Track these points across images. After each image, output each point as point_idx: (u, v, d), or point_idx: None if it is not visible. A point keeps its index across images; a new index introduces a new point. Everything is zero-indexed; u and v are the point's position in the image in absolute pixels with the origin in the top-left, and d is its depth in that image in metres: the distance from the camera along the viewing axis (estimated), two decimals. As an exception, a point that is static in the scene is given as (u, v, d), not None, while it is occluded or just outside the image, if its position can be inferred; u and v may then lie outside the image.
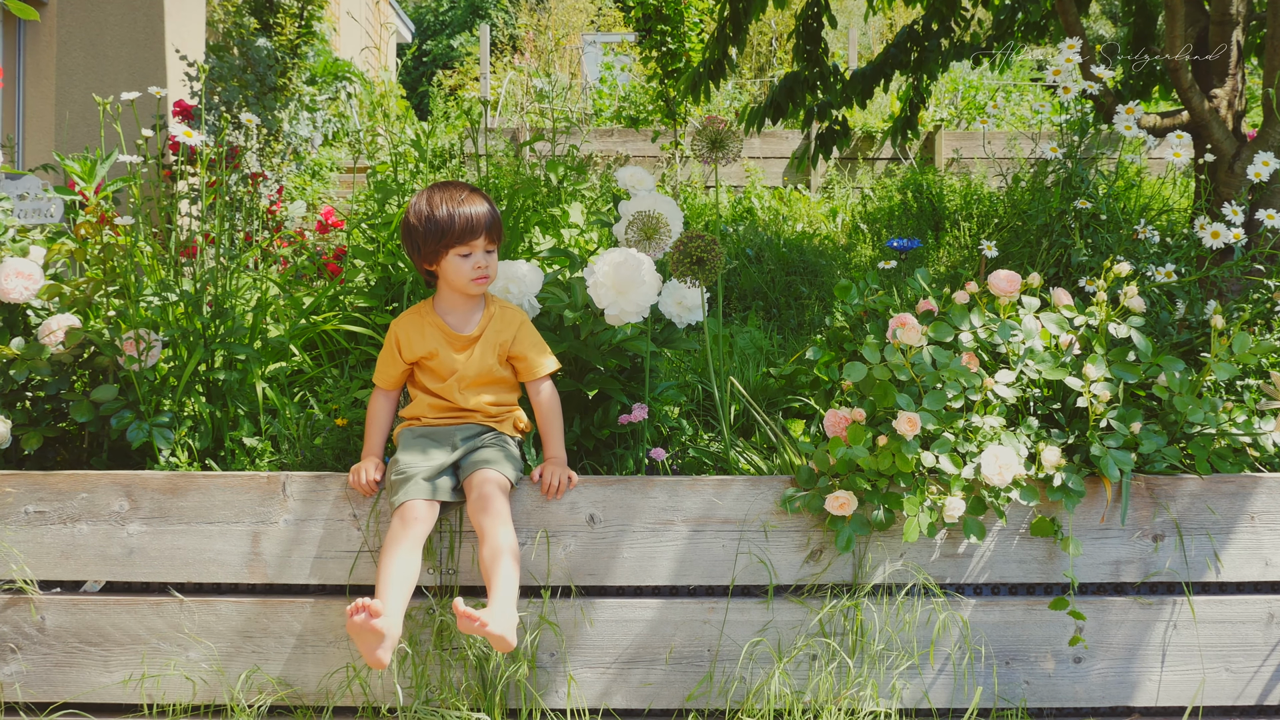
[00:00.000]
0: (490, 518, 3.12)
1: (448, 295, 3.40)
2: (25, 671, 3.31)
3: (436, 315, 3.38)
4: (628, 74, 14.49)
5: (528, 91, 13.29)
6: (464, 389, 3.37)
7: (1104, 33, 17.59)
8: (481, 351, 3.38)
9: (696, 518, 3.33)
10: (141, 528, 3.31)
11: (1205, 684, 3.33)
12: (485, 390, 3.41)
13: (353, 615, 2.88)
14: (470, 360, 3.37)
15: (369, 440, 3.41)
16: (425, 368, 3.37)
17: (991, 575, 3.33)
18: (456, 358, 3.35)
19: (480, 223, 3.32)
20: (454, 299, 3.40)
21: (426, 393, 3.37)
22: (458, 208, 3.33)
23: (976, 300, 3.56)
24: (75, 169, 3.70)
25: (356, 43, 18.08)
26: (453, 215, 3.33)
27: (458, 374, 3.36)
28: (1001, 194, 7.52)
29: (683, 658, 3.33)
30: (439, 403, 3.37)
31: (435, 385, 3.35)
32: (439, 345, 3.33)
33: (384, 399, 3.43)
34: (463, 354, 3.36)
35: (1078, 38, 4.57)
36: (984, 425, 3.26)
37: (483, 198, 3.37)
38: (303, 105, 8.60)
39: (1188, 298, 4.01)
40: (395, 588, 3.04)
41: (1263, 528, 3.32)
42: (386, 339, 3.38)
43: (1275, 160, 3.92)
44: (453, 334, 3.36)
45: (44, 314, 3.70)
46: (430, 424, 3.36)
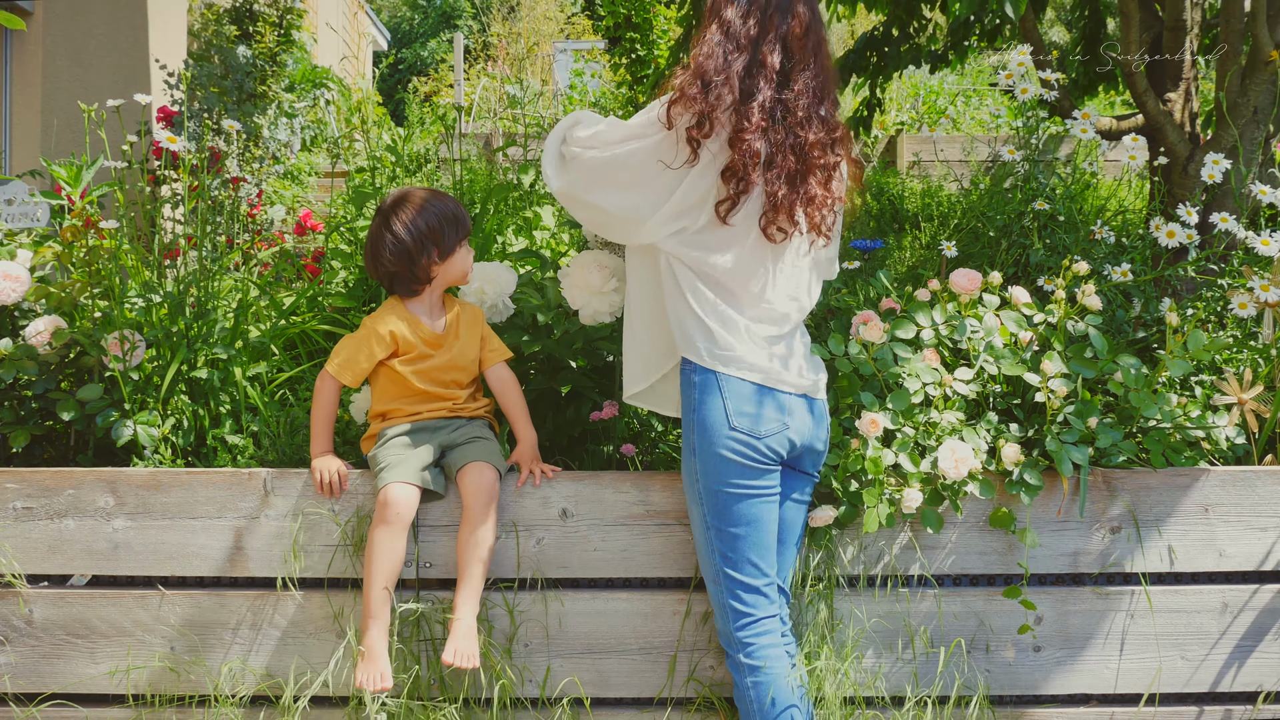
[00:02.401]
0: (483, 509, 3.22)
1: (428, 295, 3.43)
2: (14, 663, 3.36)
3: (413, 314, 3.41)
4: (598, 80, 14.51)
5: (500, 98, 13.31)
6: (448, 383, 3.42)
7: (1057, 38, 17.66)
8: (463, 345, 3.44)
9: (666, 512, 3.39)
10: (126, 523, 3.36)
11: (1162, 671, 3.39)
12: (466, 383, 3.47)
13: (365, 684, 3.13)
14: (454, 354, 3.41)
15: (324, 435, 3.42)
16: (409, 364, 3.38)
17: (953, 566, 3.38)
18: (437, 353, 3.39)
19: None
20: (431, 298, 3.44)
21: (406, 389, 3.38)
22: (456, 203, 3.44)
23: (938, 298, 3.62)
24: (61, 174, 3.74)
25: (335, 51, 18.07)
26: (459, 209, 3.43)
27: (441, 368, 3.40)
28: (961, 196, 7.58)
29: (653, 648, 3.39)
30: (422, 397, 3.40)
31: (421, 382, 3.37)
32: (419, 343, 3.36)
33: (336, 393, 3.41)
34: (440, 350, 3.39)
35: (1031, 43, 4.66)
36: (943, 420, 3.34)
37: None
38: (282, 111, 8.63)
39: (1143, 296, 4.06)
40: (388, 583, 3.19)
41: (1216, 519, 3.38)
42: (366, 336, 3.36)
43: (1227, 162, 3.99)
44: (431, 332, 3.40)
45: (31, 315, 3.74)
46: (413, 419, 3.39)
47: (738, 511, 3.00)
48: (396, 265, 3.36)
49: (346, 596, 3.35)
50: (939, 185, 8.22)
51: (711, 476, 2.99)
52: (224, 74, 8.02)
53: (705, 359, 2.99)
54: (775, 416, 3.00)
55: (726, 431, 2.96)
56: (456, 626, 3.14)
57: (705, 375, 3.00)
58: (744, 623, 3.05)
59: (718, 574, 3.05)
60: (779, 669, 3.03)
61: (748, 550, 3.02)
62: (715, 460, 2.98)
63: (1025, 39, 5.07)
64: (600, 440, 3.81)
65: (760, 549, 3.04)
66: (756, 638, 3.05)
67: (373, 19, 23.03)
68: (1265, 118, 4.57)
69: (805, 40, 3.00)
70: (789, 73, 3.00)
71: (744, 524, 3.01)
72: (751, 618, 3.05)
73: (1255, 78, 4.53)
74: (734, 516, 3.00)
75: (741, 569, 3.03)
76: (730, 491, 2.99)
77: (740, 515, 3.00)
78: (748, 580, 3.03)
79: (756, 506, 3.01)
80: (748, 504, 3.00)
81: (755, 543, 3.03)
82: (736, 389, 2.97)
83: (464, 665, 3.11)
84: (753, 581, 3.04)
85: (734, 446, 2.96)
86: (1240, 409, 3.49)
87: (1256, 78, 4.52)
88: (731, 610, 3.05)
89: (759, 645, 3.04)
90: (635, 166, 3.03)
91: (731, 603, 3.05)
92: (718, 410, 2.97)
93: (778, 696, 3.01)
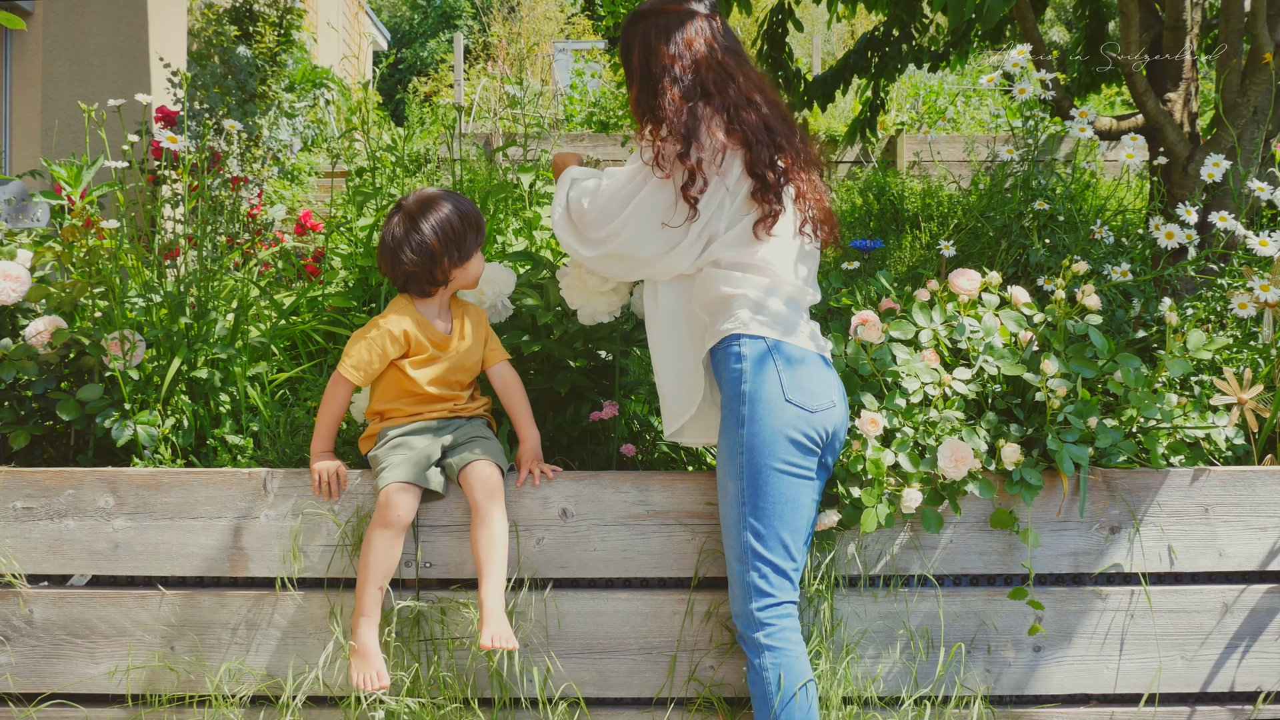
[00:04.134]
0: (493, 507, 3.23)
1: (440, 296, 3.44)
2: (14, 663, 3.37)
3: (423, 315, 3.39)
4: (598, 80, 14.54)
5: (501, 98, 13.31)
6: (453, 384, 3.42)
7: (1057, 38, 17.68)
8: (471, 345, 3.43)
9: (666, 512, 3.39)
10: (126, 523, 3.37)
11: (1162, 671, 3.39)
12: (469, 384, 3.48)
13: (362, 684, 3.14)
14: (461, 356, 3.41)
15: (327, 435, 3.41)
16: (419, 366, 3.37)
17: (953, 566, 3.39)
18: (445, 355, 3.38)
19: None
20: (441, 300, 3.44)
21: (410, 389, 3.37)
22: (476, 208, 3.45)
23: (937, 298, 3.62)
24: (61, 174, 3.74)
25: (335, 51, 18.07)
26: (480, 214, 3.44)
27: (448, 370, 3.39)
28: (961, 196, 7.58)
29: (653, 648, 3.39)
30: (425, 399, 3.39)
31: (428, 383, 3.36)
32: (428, 344, 3.35)
33: (349, 395, 3.40)
34: (448, 351, 3.39)
35: (1031, 43, 4.66)
36: (942, 420, 3.35)
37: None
38: (282, 111, 8.64)
39: (1143, 296, 4.06)
40: (382, 582, 3.20)
41: (1216, 519, 3.38)
42: (379, 336, 3.33)
43: (1226, 162, 3.99)
44: (440, 333, 3.39)
45: (31, 315, 3.75)
46: (414, 420, 3.38)
47: (779, 489, 3.00)
48: (418, 265, 3.35)
49: (346, 597, 3.35)
50: (939, 185, 8.22)
51: (760, 450, 2.99)
52: (224, 74, 8.03)
53: (754, 328, 3.03)
54: (825, 393, 3.04)
55: (782, 404, 2.98)
56: (488, 614, 3.14)
57: (756, 345, 3.03)
58: (767, 603, 3.03)
59: (745, 551, 3.03)
60: (798, 651, 3.02)
61: (781, 530, 3.01)
62: (767, 434, 2.98)
63: (1025, 39, 5.07)
64: (600, 440, 3.81)
65: (794, 531, 3.03)
66: (779, 619, 3.03)
67: (373, 19, 23.04)
68: (1264, 118, 4.58)
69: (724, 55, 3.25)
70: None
71: (783, 502, 3.00)
72: (774, 599, 3.03)
73: (1255, 78, 4.53)
74: (774, 494, 3.00)
75: (772, 548, 3.01)
76: (776, 467, 2.99)
77: (781, 493, 3.00)
78: (777, 561, 3.02)
79: (797, 487, 3.01)
80: (789, 482, 3.00)
81: (791, 524, 3.02)
82: (789, 356, 3.02)
83: (504, 646, 3.10)
84: (781, 563, 3.03)
85: (790, 419, 2.98)
86: (1240, 409, 3.49)
87: (1256, 78, 4.53)
88: (755, 590, 3.03)
89: (780, 627, 3.02)
90: (647, 213, 3.19)
91: (757, 581, 3.02)
92: (773, 383, 2.99)
93: (799, 674, 2.99)
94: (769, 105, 3.20)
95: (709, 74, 3.17)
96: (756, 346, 3.01)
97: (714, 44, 3.22)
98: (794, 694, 2.98)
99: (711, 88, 3.15)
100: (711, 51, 3.20)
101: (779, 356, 3.00)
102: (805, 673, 3.01)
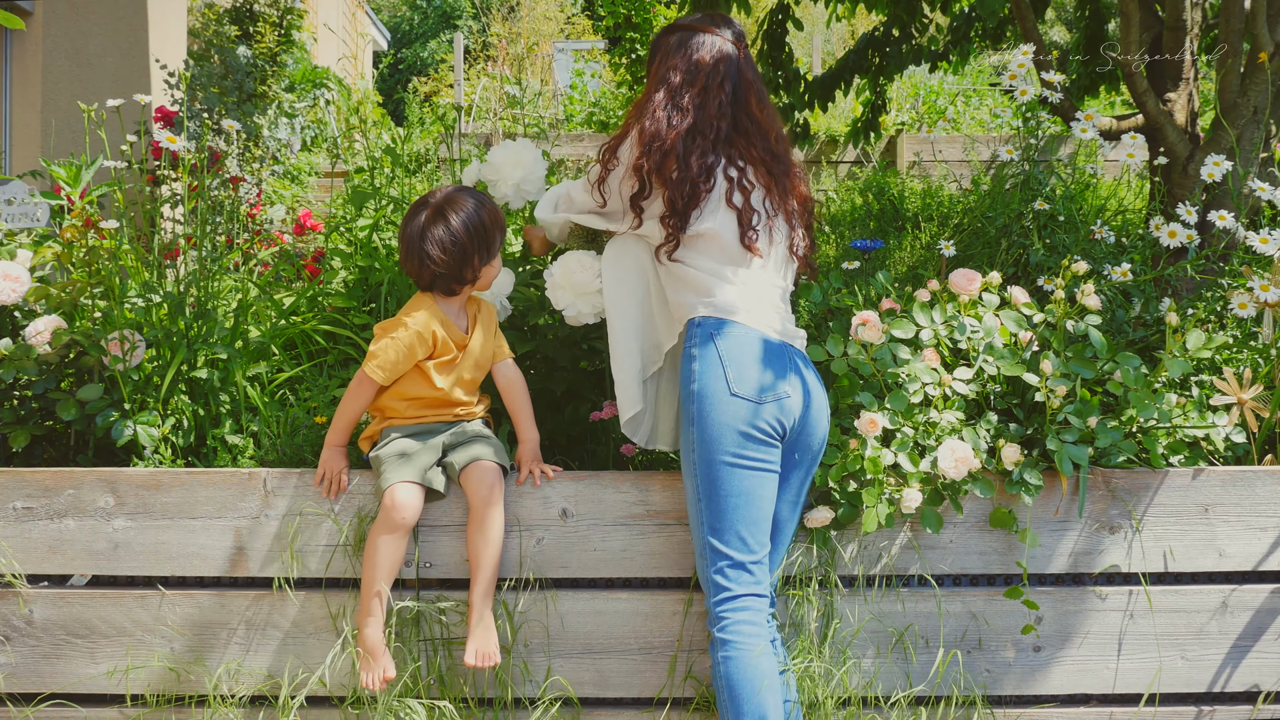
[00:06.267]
0: (490, 507, 3.22)
1: (463, 295, 3.42)
2: (13, 663, 3.37)
3: (445, 314, 3.35)
4: (598, 80, 14.55)
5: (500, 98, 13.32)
6: (465, 383, 3.40)
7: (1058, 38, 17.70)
8: (482, 344, 3.40)
9: (666, 511, 3.39)
10: (126, 523, 3.37)
11: (1161, 671, 3.39)
12: (476, 382, 3.45)
13: (370, 684, 3.16)
14: (473, 354, 3.38)
15: (344, 430, 3.38)
16: (441, 367, 3.34)
17: (953, 566, 3.39)
18: (463, 354, 3.36)
19: None
20: (462, 299, 3.42)
21: (422, 388, 3.34)
22: (494, 203, 3.45)
23: (937, 298, 3.63)
24: (61, 174, 3.74)
25: (335, 51, 18.08)
26: (499, 209, 3.44)
27: (465, 369, 3.37)
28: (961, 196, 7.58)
29: (653, 648, 3.39)
30: (438, 401, 3.37)
31: (444, 382, 3.33)
32: (451, 344, 3.32)
33: (374, 395, 3.36)
34: (465, 350, 3.36)
35: (1033, 43, 4.66)
36: (943, 420, 3.35)
37: None
38: (282, 112, 8.65)
39: (1143, 296, 4.06)
40: (386, 583, 3.20)
41: (1216, 519, 3.38)
42: (409, 338, 3.27)
43: (1227, 162, 3.99)
44: (460, 333, 3.37)
45: (31, 315, 3.75)
46: (418, 421, 3.37)
47: (730, 482, 2.99)
48: (447, 264, 3.30)
49: (346, 597, 3.35)
50: (939, 185, 8.22)
51: (709, 445, 2.99)
52: (224, 74, 8.04)
53: (703, 310, 3.09)
54: (773, 382, 3.02)
55: (727, 398, 2.98)
56: (474, 627, 3.16)
57: (704, 343, 3.05)
58: (723, 597, 3.00)
59: (704, 548, 3.04)
60: (751, 644, 2.96)
61: (737, 523, 2.99)
62: (714, 428, 2.98)
63: (1026, 39, 5.08)
64: (599, 440, 3.81)
65: (750, 524, 3.01)
66: (732, 613, 2.99)
67: (372, 19, 23.06)
68: (1264, 118, 4.57)
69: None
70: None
71: (736, 495, 2.99)
72: (731, 593, 3.00)
73: (1255, 78, 4.53)
74: (727, 487, 2.99)
75: (728, 542, 3.00)
76: (726, 461, 2.98)
77: (733, 486, 2.99)
78: (734, 555, 3.00)
79: (752, 479, 3.00)
80: (742, 475, 2.99)
81: (746, 517, 3.00)
82: (736, 346, 3.03)
83: (485, 665, 3.13)
84: (739, 556, 3.00)
85: (736, 411, 2.98)
86: (1239, 408, 3.49)
87: (1256, 78, 4.53)
88: (713, 585, 3.02)
89: (733, 620, 2.99)
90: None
91: (714, 576, 3.01)
92: (717, 378, 3.00)
93: (751, 669, 2.94)
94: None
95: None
96: (705, 344, 3.05)
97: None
98: (742, 689, 2.94)
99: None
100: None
101: (725, 348, 3.03)
102: (760, 667, 2.95)
